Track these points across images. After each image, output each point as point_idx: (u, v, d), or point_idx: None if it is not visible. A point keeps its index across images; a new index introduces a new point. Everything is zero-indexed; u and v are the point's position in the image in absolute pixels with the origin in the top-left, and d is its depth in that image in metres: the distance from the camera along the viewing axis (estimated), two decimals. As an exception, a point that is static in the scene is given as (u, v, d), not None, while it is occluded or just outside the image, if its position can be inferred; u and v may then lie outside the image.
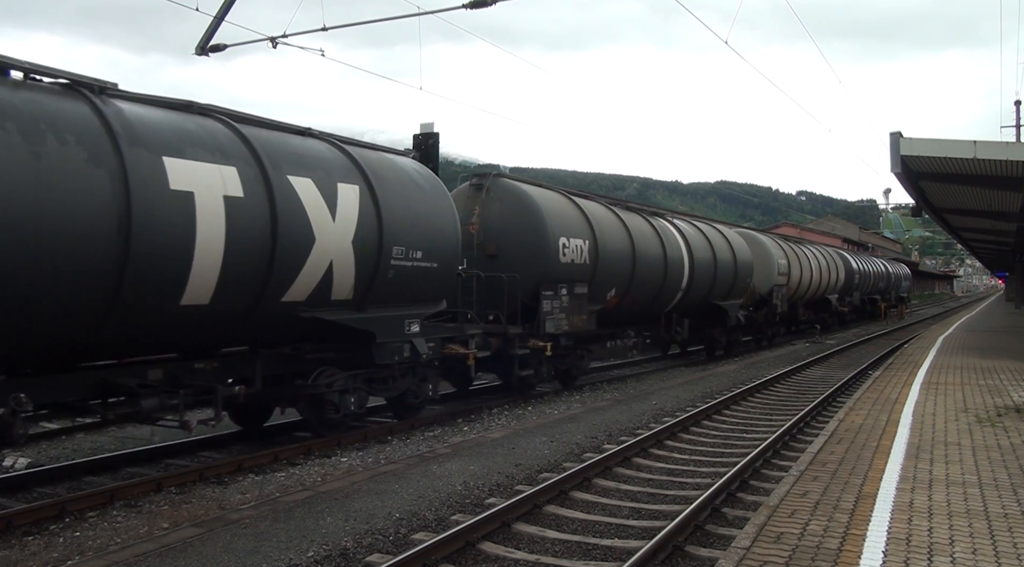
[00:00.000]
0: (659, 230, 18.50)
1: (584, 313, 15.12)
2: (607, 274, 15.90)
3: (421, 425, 12.25)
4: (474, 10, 13.02)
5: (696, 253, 19.77)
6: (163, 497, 8.28)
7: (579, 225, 15.32)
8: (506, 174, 15.35)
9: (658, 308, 18.84)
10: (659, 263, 17.90)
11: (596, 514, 7.79)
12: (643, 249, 17.21)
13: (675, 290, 18.98)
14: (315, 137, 10.74)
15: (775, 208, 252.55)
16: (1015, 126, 33.95)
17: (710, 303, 21.36)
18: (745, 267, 23.11)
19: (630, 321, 18.13)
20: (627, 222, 17.22)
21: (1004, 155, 13.06)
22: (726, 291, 22.04)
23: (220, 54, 14.68)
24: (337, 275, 9.95)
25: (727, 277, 21.84)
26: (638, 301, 17.47)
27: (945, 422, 9.62)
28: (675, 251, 18.82)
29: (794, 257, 29.15)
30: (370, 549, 6.57)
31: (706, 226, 22.73)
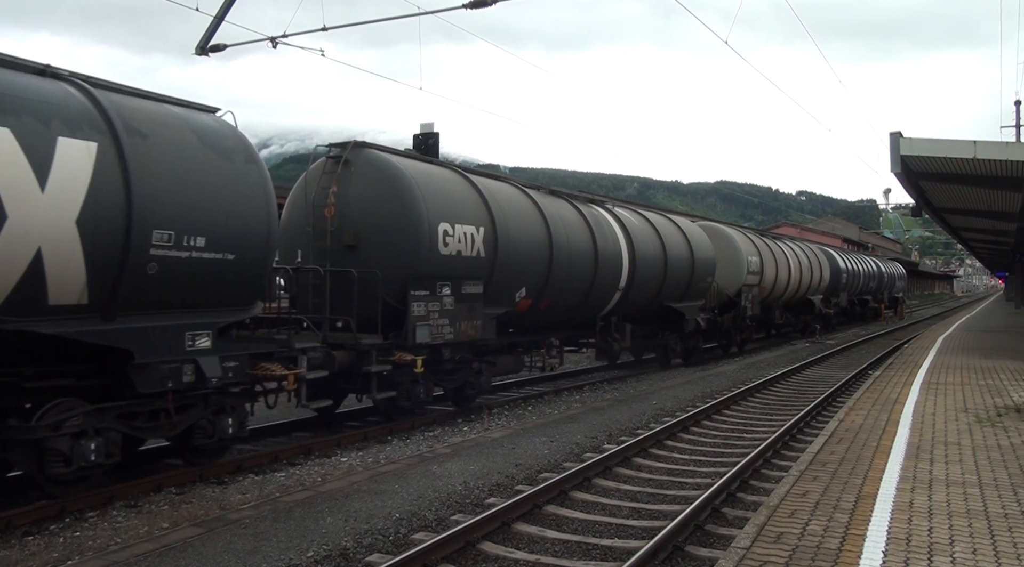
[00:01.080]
0: (589, 219, 15.74)
1: (477, 318, 12.35)
2: (513, 270, 13.04)
3: (421, 425, 12.25)
4: (474, 10, 13.01)
5: (640, 247, 17.15)
6: (163, 497, 8.28)
7: (471, 209, 12.42)
8: (374, 145, 12.27)
9: (590, 311, 16.18)
10: (587, 258, 15.13)
11: (596, 514, 7.79)
12: (565, 240, 14.40)
13: (611, 290, 16.30)
14: (55, 77, 7.91)
15: (775, 208, 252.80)
16: (1015, 126, 33.95)
17: (662, 305, 18.79)
18: (705, 264, 20.43)
19: (554, 326, 15.50)
20: (544, 208, 14.27)
21: (1004, 155, 13.07)
22: (681, 291, 19.41)
23: (222, 54, 14.69)
24: (53, 269, 7.10)
25: (681, 275, 19.15)
26: (561, 303, 14.75)
27: (945, 422, 9.63)
28: (610, 244, 16.12)
29: (768, 254, 26.35)
30: (370, 549, 6.57)
31: (658, 216, 20.18)
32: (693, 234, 20.70)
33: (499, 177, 15.16)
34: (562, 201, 15.69)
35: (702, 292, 20.70)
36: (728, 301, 23.36)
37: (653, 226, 18.65)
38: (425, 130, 14.23)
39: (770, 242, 28.07)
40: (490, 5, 12.98)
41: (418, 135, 14.26)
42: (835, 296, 35.97)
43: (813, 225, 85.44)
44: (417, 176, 11.75)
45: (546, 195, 15.38)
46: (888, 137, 13.66)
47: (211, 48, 14.41)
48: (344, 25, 14.45)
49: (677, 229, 20.04)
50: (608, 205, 18.05)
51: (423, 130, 14.25)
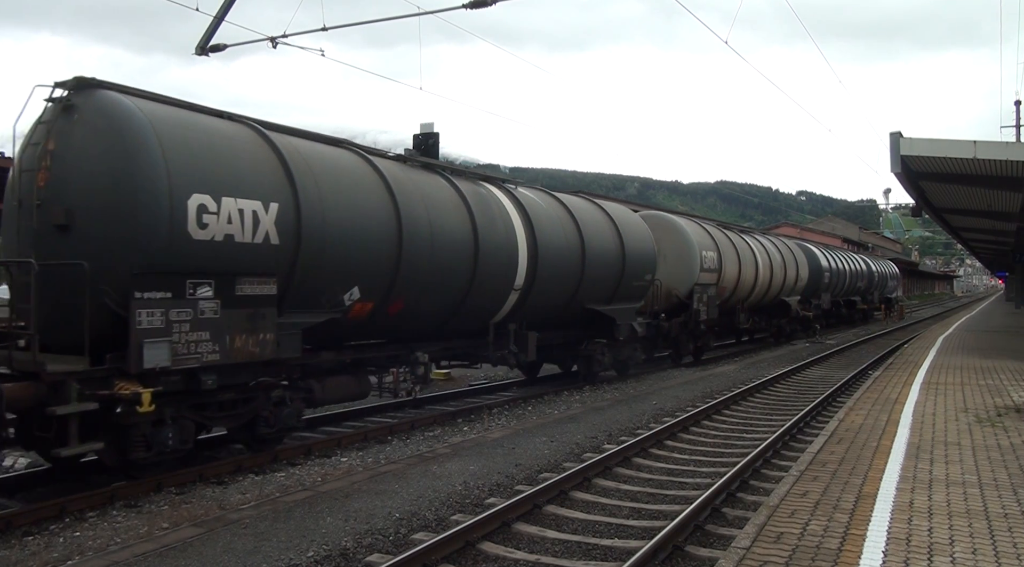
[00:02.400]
0: (470, 198, 12.30)
1: (267, 330, 8.90)
2: (333, 263, 9.64)
3: (421, 425, 12.24)
4: (475, 10, 13.01)
5: (545, 236, 13.87)
6: (163, 497, 8.27)
7: (256, 177, 8.97)
8: (113, 84, 8.67)
9: (476, 317, 12.84)
10: (462, 248, 11.83)
11: (596, 514, 7.79)
12: (426, 225, 11.05)
13: (503, 290, 12.95)
14: None
15: (775, 208, 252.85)
16: (1015, 126, 33.97)
17: (583, 308, 15.57)
18: (642, 259, 17.24)
19: (424, 337, 12.15)
20: (394, 181, 10.78)
21: (1004, 155, 13.08)
22: (608, 292, 16.18)
23: (224, 54, 14.69)
24: None
25: (607, 272, 15.95)
26: (424, 307, 11.39)
27: (945, 422, 9.63)
28: (500, 231, 12.75)
29: (730, 250, 23.15)
30: (370, 549, 6.57)
31: (578, 200, 16.99)
32: (626, 222, 17.25)
33: (339, 143, 11.24)
34: (431, 175, 12.34)
35: (639, 292, 17.48)
36: (679, 303, 20.32)
37: (568, 210, 15.26)
38: (425, 130, 14.21)
39: (734, 236, 24.80)
40: (490, 5, 12.97)
41: (418, 135, 14.25)
42: (816, 297, 32.49)
43: (813, 225, 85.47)
44: (162, 126, 8.32)
45: (410, 167, 12.05)
46: (888, 137, 13.67)
47: (211, 48, 14.41)
48: (344, 25, 14.45)
49: (603, 215, 16.70)
50: (509, 185, 14.57)
51: (423, 130, 14.24)
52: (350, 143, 11.50)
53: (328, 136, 11.28)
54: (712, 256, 21.47)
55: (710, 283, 21.30)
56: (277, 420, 9.87)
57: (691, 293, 20.34)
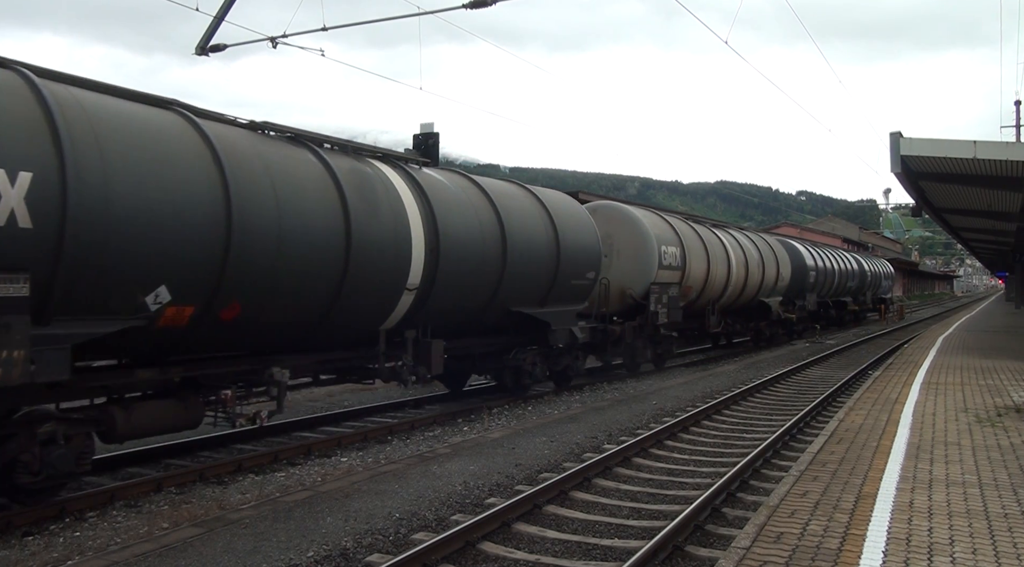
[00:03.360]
0: (342, 177, 9.92)
1: (9, 346, 6.44)
2: (126, 255, 7.39)
3: (421, 425, 12.24)
4: (475, 10, 13.03)
5: (450, 224, 11.57)
6: (163, 497, 8.28)
7: None
8: None
9: (358, 324, 10.58)
10: (328, 237, 9.53)
11: (596, 514, 7.79)
12: (268, 208, 8.77)
13: (392, 290, 10.68)
14: None
15: (775, 208, 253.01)
16: (1015, 126, 34.00)
17: (508, 311, 13.28)
18: (582, 254, 14.89)
19: (280, 347, 9.89)
20: (224, 149, 8.49)
21: (1004, 155, 13.08)
22: (540, 292, 13.92)
23: (225, 55, 14.71)
24: None
25: (536, 269, 13.63)
26: (271, 312, 9.11)
27: (945, 422, 9.63)
28: (385, 218, 10.48)
29: (697, 245, 20.71)
30: (370, 549, 6.57)
31: (506, 185, 14.51)
32: (563, 212, 14.86)
33: (164, 103, 8.76)
34: (293, 148, 9.91)
35: (580, 293, 15.25)
36: (635, 305, 18.06)
37: (486, 196, 12.88)
38: (425, 130, 14.22)
39: (704, 230, 22.43)
40: (490, 5, 12.99)
41: (418, 135, 14.26)
42: (800, 298, 29.91)
43: (813, 225, 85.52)
44: None
45: (262, 137, 9.68)
46: (888, 137, 13.68)
47: (211, 48, 14.42)
48: (344, 25, 14.47)
49: (533, 203, 14.23)
50: (412, 165, 12.15)
51: (423, 130, 14.25)
52: (180, 104, 8.93)
53: (145, 93, 8.66)
54: (674, 252, 19.03)
55: (671, 282, 18.84)
56: (47, 466, 7.33)
57: (647, 293, 17.92)
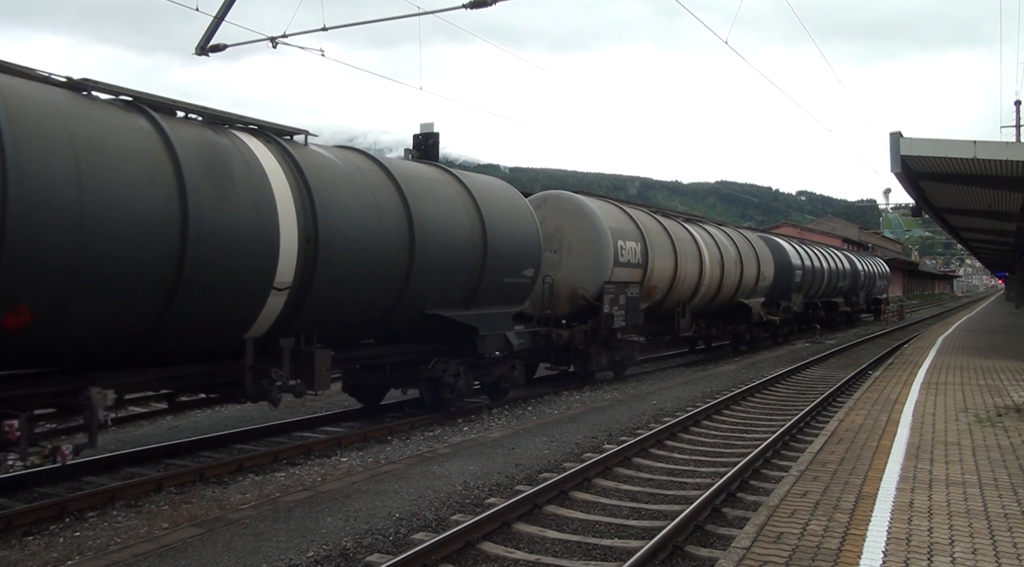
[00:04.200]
0: (180, 150, 8.10)
1: None
2: None
3: (421, 425, 12.24)
4: (475, 10, 13.02)
5: (333, 211, 9.75)
6: (163, 497, 8.28)
7: None
8: None
9: (205, 330, 8.72)
10: (155, 224, 7.80)
11: (596, 514, 7.79)
12: (66, 188, 7.09)
13: (252, 289, 8.89)
14: None
15: (775, 208, 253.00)
16: (1015, 126, 33.99)
17: (421, 314, 11.53)
18: (517, 248, 13.23)
19: (103, 362, 8.31)
20: (6, 109, 6.83)
21: (1004, 155, 13.09)
22: (463, 292, 12.22)
23: (226, 55, 14.72)
24: None
25: (457, 264, 11.96)
26: (76, 318, 7.43)
27: (945, 422, 9.63)
28: (241, 201, 8.67)
29: (662, 240, 18.74)
30: (370, 549, 6.57)
31: (420, 166, 12.68)
32: (491, 198, 12.96)
33: None
34: (119, 113, 8.13)
35: (516, 293, 13.49)
36: (587, 306, 16.23)
37: (390, 176, 11.03)
38: (425, 130, 14.23)
39: (673, 225, 20.33)
40: (490, 5, 12.98)
41: (418, 135, 14.26)
42: (785, 299, 27.80)
43: (813, 225, 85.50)
44: None
45: (76, 98, 7.85)
46: (888, 137, 13.68)
47: (211, 48, 14.42)
48: (344, 25, 14.46)
49: (454, 187, 12.46)
50: (289, 139, 10.12)
51: (423, 130, 14.26)
52: None
53: None
54: (634, 247, 17.13)
55: (631, 281, 16.94)
56: None
57: (601, 294, 16.04)
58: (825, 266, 33.24)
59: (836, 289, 35.57)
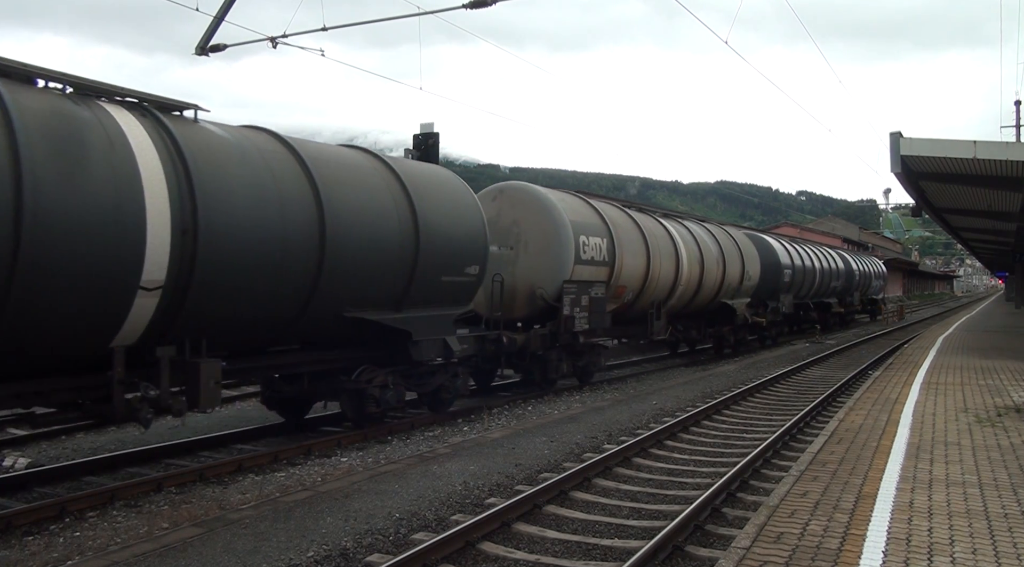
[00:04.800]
0: (18, 120, 6.97)
1: None
2: None
3: (421, 425, 12.24)
4: (475, 10, 13.03)
5: (219, 197, 8.48)
6: (163, 497, 8.28)
7: None
8: None
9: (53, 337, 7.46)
10: None
11: (596, 514, 7.79)
12: None
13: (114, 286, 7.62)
14: None
15: (775, 208, 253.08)
16: (1015, 126, 34.00)
17: (341, 317, 10.20)
18: (457, 243, 11.91)
19: None
20: None
21: (1004, 155, 13.08)
22: (393, 292, 10.90)
23: (227, 55, 14.74)
24: None
25: (382, 261, 10.60)
26: None
27: (945, 422, 9.63)
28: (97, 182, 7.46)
29: (633, 236, 17.30)
30: (370, 549, 6.57)
31: (337, 149, 11.52)
32: (426, 186, 11.61)
33: None
34: None
35: (459, 293, 12.17)
36: (546, 308, 14.93)
37: (296, 156, 9.74)
38: (425, 130, 14.23)
39: (646, 220, 18.77)
40: (490, 5, 12.99)
41: (418, 135, 14.26)
42: (774, 300, 26.32)
43: (813, 225, 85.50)
44: None
45: None
46: (888, 137, 13.67)
47: (211, 48, 14.43)
48: (344, 25, 14.47)
49: (378, 169, 11.15)
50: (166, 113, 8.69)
51: (423, 130, 14.26)
52: None
53: None
54: (599, 244, 15.78)
55: (595, 280, 15.60)
56: None
57: (561, 294, 14.78)
58: (817, 265, 31.88)
59: (829, 289, 34.28)
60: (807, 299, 31.66)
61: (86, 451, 10.43)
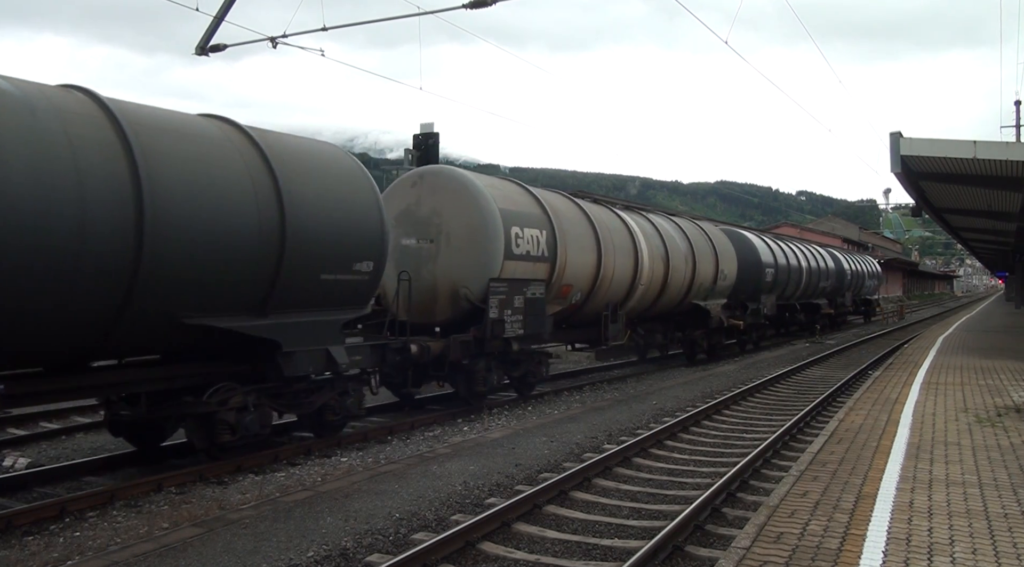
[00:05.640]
0: None
1: None
2: None
3: (421, 425, 12.24)
4: (475, 10, 13.05)
5: None
6: (163, 497, 8.28)
7: None
8: None
9: None
10: None
11: (596, 514, 7.79)
12: None
13: None
14: None
15: (775, 208, 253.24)
16: (1015, 126, 34.01)
17: (180, 324, 8.41)
18: (341, 233, 10.02)
19: None
20: None
21: (1004, 155, 13.08)
22: (254, 293, 9.06)
23: (227, 55, 14.76)
24: None
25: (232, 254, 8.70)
26: None
27: (945, 422, 9.63)
28: None
29: (581, 228, 15.38)
30: (370, 549, 6.57)
31: (171, 113, 9.13)
32: (296, 160, 9.80)
33: None
34: None
35: (348, 294, 10.28)
36: (473, 310, 12.97)
37: (112, 120, 7.93)
38: (425, 130, 14.24)
39: (599, 211, 16.94)
40: (490, 5, 13.00)
41: (418, 135, 14.28)
42: (754, 301, 24.48)
43: (813, 225, 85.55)
44: None
45: None
46: (888, 137, 13.67)
47: (211, 48, 14.44)
48: (344, 25, 14.48)
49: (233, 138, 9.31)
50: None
51: (423, 130, 14.27)
52: None
53: None
54: (535, 236, 13.83)
55: (532, 278, 13.69)
56: None
57: (487, 295, 12.81)
58: (804, 264, 29.79)
59: (817, 290, 32.23)
60: (793, 300, 29.84)
61: (86, 451, 10.43)
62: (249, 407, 9.33)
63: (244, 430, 9.28)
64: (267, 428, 9.77)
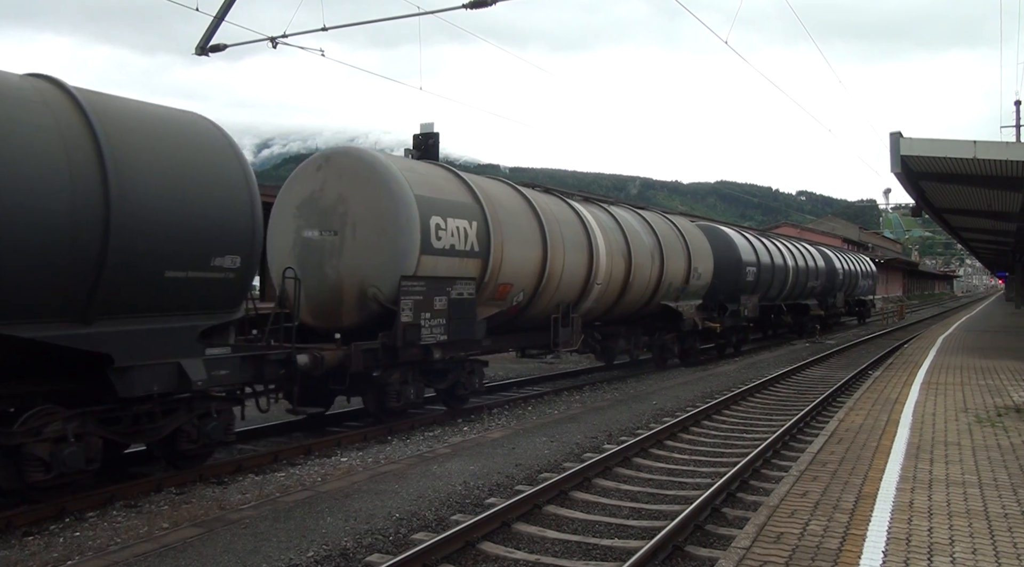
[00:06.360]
0: None
1: None
2: None
3: (421, 425, 12.24)
4: (476, 10, 13.03)
5: None
6: (163, 497, 8.28)
7: None
8: None
9: None
10: None
11: (596, 514, 7.79)
12: None
13: None
14: None
15: (775, 208, 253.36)
16: (1015, 126, 34.00)
17: None
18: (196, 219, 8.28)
19: None
20: None
21: (1004, 155, 13.08)
22: (73, 294, 7.29)
23: (228, 55, 14.76)
24: None
25: (32, 244, 6.89)
26: None
27: (945, 422, 9.63)
28: None
29: (523, 220, 13.78)
30: (370, 549, 6.57)
31: None
32: (134, 124, 8.07)
33: None
34: None
35: (205, 295, 8.59)
36: (384, 313, 11.29)
37: None
38: (425, 130, 14.24)
39: (549, 200, 15.41)
40: (490, 5, 12.99)
41: (418, 135, 14.27)
42: (733, 302, 22.78)
43: (813, 225, 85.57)
44: None
45: None
46: (888, 137, 13.67)
47: (211, 48, 14.44)
48: (344, 25, 14.48)
49: (48, 95, 7.51)
50: None
51: (423, 130, 14.27)
52: None
53: None
54: (463, 228, 12.18)
55: (459, 276, 12.10)
56: None
57: (398, 296, 11.11)
58: (790, 263, 27.99)
59: (806, 290, 30.45)
60: (778, 301, 27.99)
61: (86, 451, 10.39)
62: (68, 437, 7.45)
63: (62, 466, 7.38)
64: (96, 461, 7.80)
